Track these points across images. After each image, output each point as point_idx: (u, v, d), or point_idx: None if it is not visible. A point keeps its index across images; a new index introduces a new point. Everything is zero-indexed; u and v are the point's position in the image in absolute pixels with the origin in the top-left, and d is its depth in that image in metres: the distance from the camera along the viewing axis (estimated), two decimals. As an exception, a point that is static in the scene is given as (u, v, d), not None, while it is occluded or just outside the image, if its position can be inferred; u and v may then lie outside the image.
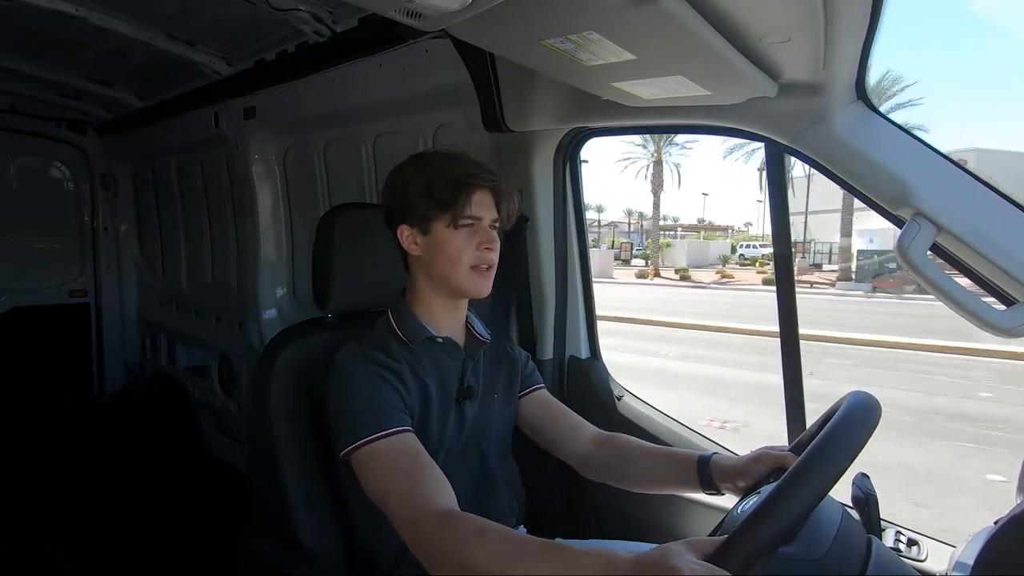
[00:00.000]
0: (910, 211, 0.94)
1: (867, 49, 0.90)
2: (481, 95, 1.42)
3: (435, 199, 0.94)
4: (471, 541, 0.73)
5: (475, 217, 0.96)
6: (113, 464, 2.77)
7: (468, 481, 1.02)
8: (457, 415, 1.01)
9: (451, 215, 0.94)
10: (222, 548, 1.32)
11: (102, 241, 3.32)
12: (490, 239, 0.97)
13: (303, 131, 2.13)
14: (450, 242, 0.95)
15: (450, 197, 0.94)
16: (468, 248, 0.96)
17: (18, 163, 3.17)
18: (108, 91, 2.57)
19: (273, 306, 2.35)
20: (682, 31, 0.75)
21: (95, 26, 1.73)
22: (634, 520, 1.35)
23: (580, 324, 1.59)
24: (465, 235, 0.96)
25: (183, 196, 2.92)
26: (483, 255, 0.96)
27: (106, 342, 3.37)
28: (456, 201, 0.94)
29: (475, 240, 0.96)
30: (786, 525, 0.63)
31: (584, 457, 1.09)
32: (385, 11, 0.74)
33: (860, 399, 0.75)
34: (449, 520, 0.77)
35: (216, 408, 2.71)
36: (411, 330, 1.00)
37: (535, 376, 1.17)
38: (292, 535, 1.02)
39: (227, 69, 2.07)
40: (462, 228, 0.95)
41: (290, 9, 1.56)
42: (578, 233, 1.58)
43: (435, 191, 0.94)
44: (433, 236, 0.96)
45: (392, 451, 0.85)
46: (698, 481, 0.98)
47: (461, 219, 0.95)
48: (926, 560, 1.01)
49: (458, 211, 0.94)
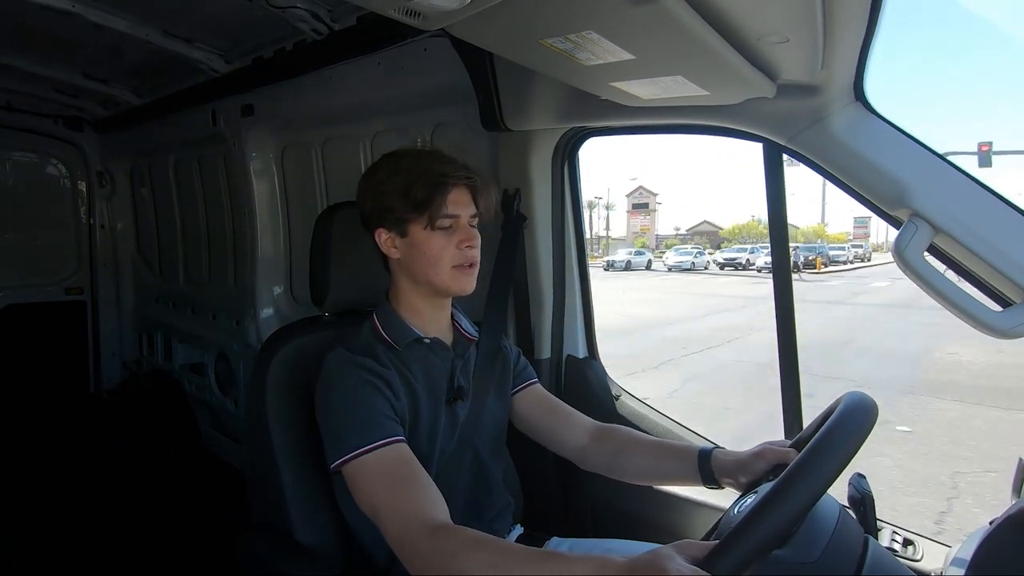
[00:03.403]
0: (907, 212, 0.94)
1: (865, 50, 0.90)
2: (480, 94, 1.42)
3: (411, 201, 0.92)
4: (463, 554, 0.73)
5: (452, 216, 0.94)
6: (109, 461, 2.76)
7: (463, 481, 1.02)
8: (448, 416, 1.00)
9: (428, 216, 0.93)
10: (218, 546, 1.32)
11: (99, 238, 3.30)
12: (470, 236, 0.96)
13: (301, 129, 2.13)
14: (429, 243, 0.94)
15: (426, 198, 0.92)
16: (449, 248, 0.94)
17: (14, 160, 3.15)
18: (105, 88, 2.55)
19: (270, 304, 2.35)
20: (681, 31, 0.75)
21: (92, 22, 1.72)
22: (631, 518, 1.35)
23: (578, 323, 1.60)
24: (444, 235, 0.94)
25: (180, 194, 2.91)
26: (464, 253, 0.95)
27: (102, 339, 3.36)
28: (432, 201, 0.92)
29: (455, 239, 0.95)
30: (778, 531, 0.63)
31: (581, 450, 1.09)
32: (384, 10, 0.73)
33: (856, 401, 0.75)
34: (440, 533, 0.76)
35: (212, 406, 2.71)
36: (397, 333, 0.98)
37: (528, 372, 1.16)
38: (289, 533, 1.02)
39: (225, 67, 2.06)
40: (440, 229, 0.94)
41: (288, 7, 1.55)
42: (576, 232, 1.58)
43: (410, 192, 0.92)
44: (411, 238, 0.95)
45: (383, 464, 0.84)
46: (699, 474, 0.98)
47: (438, 220, 0.93)
48: (922, 560, 1.01)
49: (435, 211, 0.93)
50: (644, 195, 55.36)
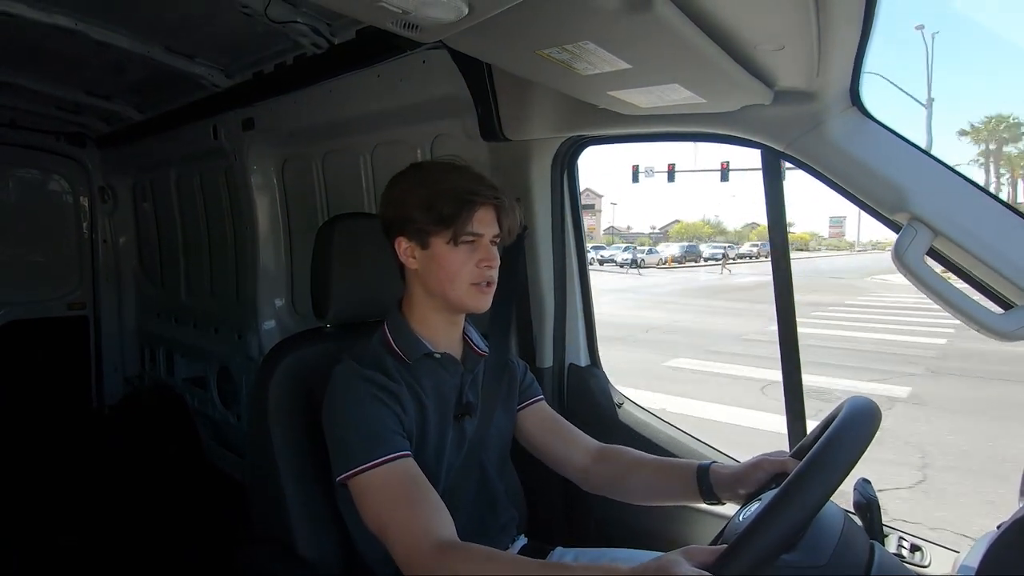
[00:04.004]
0: (906, 216, 0.95)
1: (860, 56, 0.91)
2: (478, 105, 1.43)
3: (435, 214, 0.91)
4: (471, 571, 0.72)
5: (476, 234, 0.93)
6: (112, 476, 2.75)
7: (469, 495, 1.01)
8: (457, 432, 1.00)
9: (452, 232, 0.91)
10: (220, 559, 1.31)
11: (101, 253, 3.32)
12: (491, 256, 0.94)
13: (301, 142, 2.14)
14: (449, 258, 0.93)
15: (451, 213, 0.91)
16: (468, 265, 0.93)
17: (17, 176, 3.17)
18: (107, 104, 2.57)
19: (272, 317, 2.35)
20: (677, 40, 0.76)
21: (94, 40, 1.74)
22: (636, 529, 1.34)
23: (579, 332, 1.59)
24: (465, 252, 0.93)
25: (182, 208, 2.92)
26: (483, 272, 0.94)
27: (105, 354, 3.36)
28: (457, 218, 0.91)
29: (475, 257, 0.93)
30: (785, 534, 0.63)
31: (583, 472, 1.08)
32: (383, 23, 0.74)
33: (859, 405, 0.75)
34: (447, 551, 0.76)
35: (215, 419, 2.70)
36: (408, 346, 0.97)
37: (534, 388, 1.15)
38: (291, 546, 1.01)
39: (225, 81, 2.08)
40: (462, 245, 0.93)
41: (288, 22, 1.57)
42: (576, 241, 1.58)
43: (436, 206, 0.91)
44: (432, 251, 0.94)
45: (390, 480, 0.83)
46: (698, 491, 0.97)
47: (462, 236, 0.92)
48: (929, 566, 1.00)
49: (459, 228, 0.91)
50: (591, 197, 59.40)
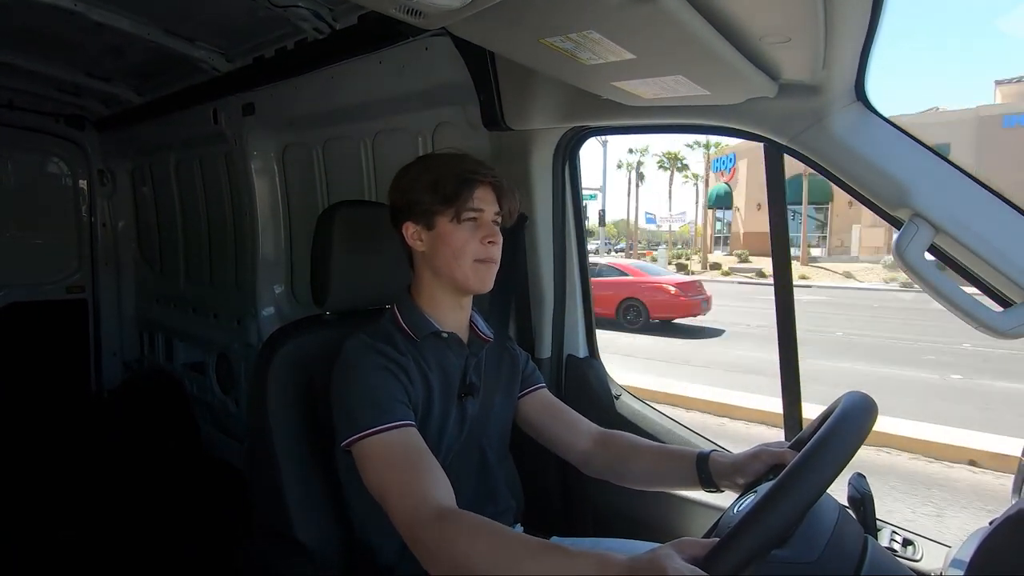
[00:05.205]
0: (908, 212, 0.94)
1: (867, 50, 0.90)
2: (481, 93, 1.42)
3: (439, 194, 0.96)
4: (468, 539, 0.73)
5: (477, 210, 0.98)
6: (110, 461, 2.77)
7: (467, 479, 1.02)
8: (459, 411, 1.02)
9: (455, 209, 0.97)
10: (219, 546, 1.32)
11: (100, 237, 3.31)
12: (493, 232, 0.99)
13: (302, 128, 2.13)
14: (454, 235, 0.97)
15: (454, 192, 0.96)
16: (472, 241, 0.98)
17: (16, 159, 3.15)
18: (107, 87, 2.55)
19: (271, 304, 2.35)
20: (682, 31, 0.75)
21: (94, 22, 1.72)
22: (632, 519, 1.35)
23: (578, 323, 1.59)
24: (468, 229, 0.98)
25: (181, 192, 2.91)
26: (486, 248, 0.98)
27: (103, 339, 3.36)
28: (459, 195, 0.96)
29: (479, 234, 0.98)
30: (777, 530, 0.63)
31: (584, 455, 1.10)
32: (385, 9, 0.73)
33: (856, 400, 0.75)
34: (447, 517, 0.77)
35: (214, 405, 2.71)
36: (416, 324, 1.01)
37: (536, 376, 1.17)
38: (290, 533, 1.02)
39: (226, 65, 2.06)
40: (465, 222, 0.97)
41: (290, 6, 1.55)
42: (576, 232, 1.58)
43: (439, 187, 0.97)
44: (437, 230, 0.98)
45: (394, 445, 0.86)
46: (697, 478, 0.99)
47: (464, 212, 0.97)
48: (921, 560, 1.01)
49: (461, 205, 0.96)
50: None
